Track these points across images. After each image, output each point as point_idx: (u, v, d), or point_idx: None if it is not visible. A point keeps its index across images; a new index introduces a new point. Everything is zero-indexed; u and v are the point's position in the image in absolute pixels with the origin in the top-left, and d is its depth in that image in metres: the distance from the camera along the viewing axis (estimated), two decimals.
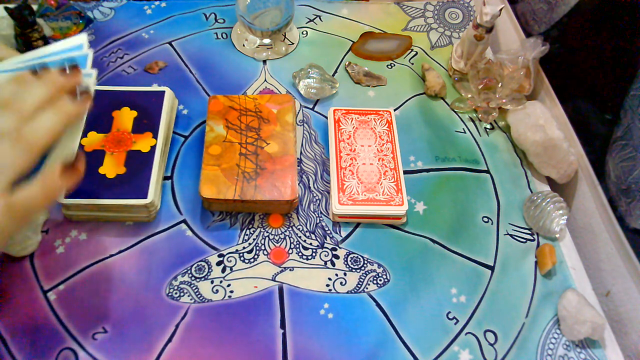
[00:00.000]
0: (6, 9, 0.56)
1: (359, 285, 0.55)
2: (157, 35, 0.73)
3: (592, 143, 0.64)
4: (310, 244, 0.57)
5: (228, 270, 0.55)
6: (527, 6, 0.77)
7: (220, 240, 0.57)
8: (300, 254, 0.57)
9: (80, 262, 0.53)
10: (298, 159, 0.63)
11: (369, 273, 0.56)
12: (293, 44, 0.75)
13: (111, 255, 0.54)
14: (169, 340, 0.50)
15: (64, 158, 0.39)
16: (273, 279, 0.55)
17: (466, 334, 0.53)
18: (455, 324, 0.54)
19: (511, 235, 0.61)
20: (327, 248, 0.57)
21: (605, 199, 0.60)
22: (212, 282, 0.54)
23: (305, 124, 0.67)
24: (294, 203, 0.57)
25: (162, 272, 0.54)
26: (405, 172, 0.63)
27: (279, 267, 0.55)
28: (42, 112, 0.37)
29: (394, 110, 0.69)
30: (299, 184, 0.61)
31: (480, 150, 0.68)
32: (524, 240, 0.61)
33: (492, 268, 0.58)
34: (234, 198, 0.55)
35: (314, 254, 0.57)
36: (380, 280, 0.56)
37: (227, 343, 0.50)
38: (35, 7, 0.67)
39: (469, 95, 0.70)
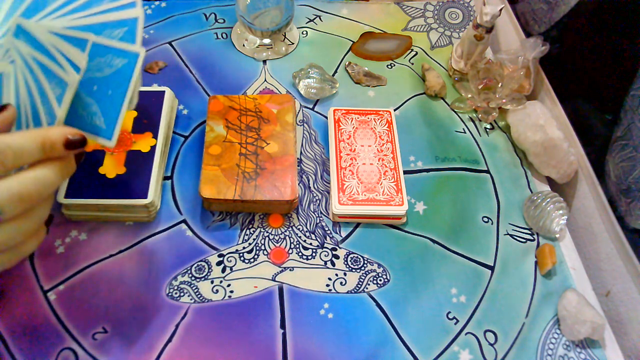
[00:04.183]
0: None
1: (359, 285, 0.55)
2: (157, 35, 0.73)
3: (592, 143, 0.64)
4: (310, 244, 0.57)
5: (228, 270, 0.55)
6: (527, 6, 0.77)
7: (220, 240, 0.57)
8: (300, 254, 0.57)
9: (80, 262, 0.53)
10: (298, 159, 0.63)
11: (369, 273, 0.56)
12: (293, 44, 0.75)
13: (111, 255, 0.54)
14: (169, 340, 0.50)
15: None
16: (273, 279, 0.55)
17: (466, 334, 0.53)
18: (455, 324, 0.54)
19: (511, 235, 0.61)
20: (327, 248, 0.57)
21: (605, 199, 0.60)
22: (212, 282, 0.54)
23: (305, 124, 0.67)
24: (294, 203, 0.57)
25: (162, 272, 0.54)
26: (405, 172, 0.63)
27: (279, 267, 0.55)
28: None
29: (394, 110, 0.69)
30: (299, 184, 0.61)
31: (480, 150, 0.68)
32: (524, 240, 0.61)
33: (492, 268, 0.58)
34: (234, 198, 0.55)
35: (314, 254, 0.57)
36: (380, 280, 0.56)
37: (227, 343, 0.50)
38: None
39: (469, 95, 0.70)
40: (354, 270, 0.56)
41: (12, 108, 0.36)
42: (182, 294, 0.53)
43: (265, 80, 0.71)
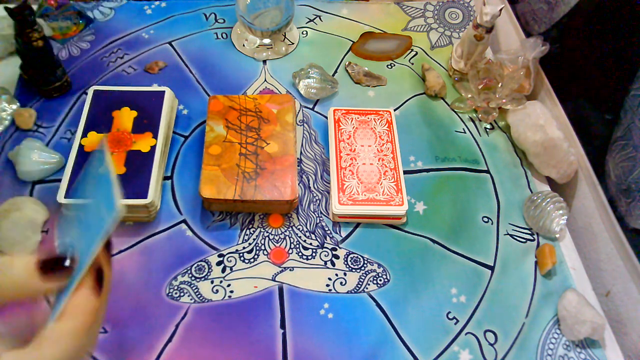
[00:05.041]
0: (6, 9, 0.56)
1: (359, 285, 0.55)
2: (157, 35, 0.73)
3: (592, 143, 0.64)
4: (310, 244, 0.57)
5: (228, 270, 0.55)
6: (527, 6, 0.77)
7: (220, 240, 0.57)
8: (300, 254, 0.57)
9: None
10: (298, 159, 0.63)
11: (369, 273, 0.56)
12: (293, 44, 0.75)
13: (111, 255, 0.54)
14: (169, 340, 0.50)
15: None
16: (273, 279, 0.55)
17: (466, 334, 0.53)
18: (455, 324, 0.54)
19: (511, 235, 0.61)
20: (327, 248, 0.57)
21: (605, 199, 0.60)
22: (212, 282, 0.54)
23: (305, 124, 0.67)
24: (294, 203, 0.57)
25: (162, 272, 0.54)
26: (405, 172, 0.63)
27: (279, 267, 0.55)
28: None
29: (394, 110, 0.69)
30: (299, 184, 0.61)
31: (480, 150, 0.68)
32: (524, 240, 0.61)
33: (492, 268, 0.58)
34: (234, 198, 0.55)
35: (314, 254, 0.57)
36: (380, 280, 0.56)
37: (227, 343, 0.50)
38: (35, 7, 0.67)
39: (469, 95, 0.70)
40: (354, 270, 0.56)
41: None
42: (182, 294, 0.53)
43: (265, 80, 0.71)
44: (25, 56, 0.61)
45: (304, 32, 0.77)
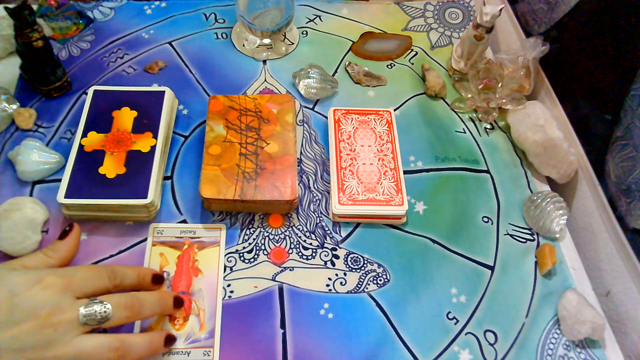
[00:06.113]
0: (6, 9, 0.56)
1: (359, 285, 0.55)
2: (157, 35, 0.73)
3: (592, 143, 0.64)
4: (310, 244, 0.57)
5: (228, 270, 0.55)
6: (527, 6, 0.77)
7: None
8: (300, 254, 0.57)
9: (80, 262, 0.53)
10: (298, 159, 0.63)
11: (369, 273, 0.56)
12: (293, 44, 0.75)
13: (111, 256, 0.54)
14: None
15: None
16: (273, 279, 0.55)
17: (466, 334, 0.53)
18: (455, 324, 0.54)
19: (511, 235, 0.61)
20: (327, 248, 0.57)
21: (605, 199, 0.60)
22: None
23: (305, 124, 0.67)
24: (294, 203, 0.57)
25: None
26: (405, 172, 0.63)
27: (279, 267, 0.55)
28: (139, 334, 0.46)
29: (394, 110, 0.69)
30: (299, 184, 0.61)
31: (480, 150, 0.68)
32: (524, 240, 0.61)
33: (492, 268, 0.58)
34: (234, 198, 0.55)
35: (314, 254, 0.57)
36: (380, 280, 0.56)
37: (227, 343, 0.50)
38: (35, 7, 0.67)
39: (469, 95, 0.70)
40: (354, 270, 0.56)
41: (77, 227, 0.51)
42: None
43: (265, 80, 0.71)
44: (25, 56, 0.61)
45: (304, 32, 0.77)
